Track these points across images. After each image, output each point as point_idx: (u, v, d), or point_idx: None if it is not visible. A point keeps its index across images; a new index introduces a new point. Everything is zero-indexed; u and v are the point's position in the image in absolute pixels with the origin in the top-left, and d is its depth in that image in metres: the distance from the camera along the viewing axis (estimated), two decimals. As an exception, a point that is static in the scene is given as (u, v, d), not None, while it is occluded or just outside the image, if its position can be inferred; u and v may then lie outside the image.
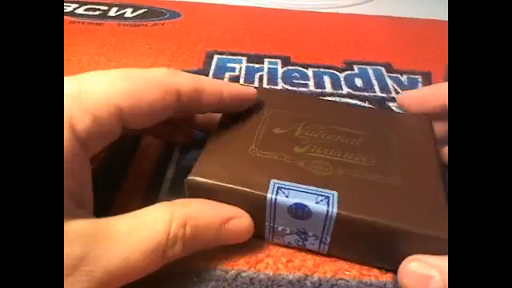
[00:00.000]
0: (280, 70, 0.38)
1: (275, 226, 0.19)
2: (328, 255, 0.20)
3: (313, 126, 0.22)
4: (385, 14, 0.51)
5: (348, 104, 0.33)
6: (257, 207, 0.19)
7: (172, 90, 0.19)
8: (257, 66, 0.38)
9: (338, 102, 0.33)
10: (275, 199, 0.18)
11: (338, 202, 0.18)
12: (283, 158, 0.20)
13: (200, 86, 0.20)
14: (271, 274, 0.19)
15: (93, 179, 0.24)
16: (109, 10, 0.47)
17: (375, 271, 0.20)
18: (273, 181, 0.19)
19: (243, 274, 0.19)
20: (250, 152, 0.21)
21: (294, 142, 0.21)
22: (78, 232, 0.15)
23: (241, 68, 0.37)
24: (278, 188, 0.18)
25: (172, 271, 0.19)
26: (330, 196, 0.18)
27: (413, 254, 0.18)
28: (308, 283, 0.19)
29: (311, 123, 0.23)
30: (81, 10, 0.47)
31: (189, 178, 0.19)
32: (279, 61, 0.39)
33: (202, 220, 0.18)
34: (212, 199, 0.19)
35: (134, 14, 0.47)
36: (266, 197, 0.18)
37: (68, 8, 0.47)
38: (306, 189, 0.19)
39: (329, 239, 0.19)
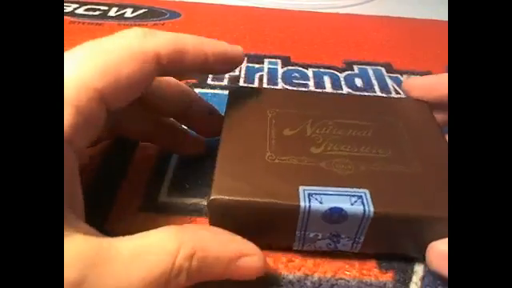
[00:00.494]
0: (280, 70, 0.38)
1: (307, 233, 0.19)
2: (358, 253, 0.20)
3: (321, 123, 0.22)
4: (385, 14, 0.51)
5: (344, 94, 0.33)
6: (288, 218, 0.18)
7: (150, 55, 0.17)
8: (257, 66, 0.38)
9: (334, 93, 0.33)
10: (309, 207, 0.17)
11: (372, 199, 0.18)
12: (303, 161, 0.20)
13: (182, 46, 0.18)
14: (271, 273, 0.19)
15: (93, 179, 0.24)
16: (109, 10, 0.47)
17: (375, 271, 0.20)
18: (301, 187, 0.18)
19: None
20: (268, 159, 0.20)
21: (309, 141, 0.21)
22: (75, 253, 0.13)
23: (241, 68, 0.37)
24: (309, 195, 0.18)
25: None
26: (363, 195, 0.18)
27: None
28: (308, 283, 0.19)
29: (318, 120, 0.22)
30: (81, 10, 0.47)
31: (212, 197, 0.18)
32: (279, 61, 0.39)
33: (210, 253, 0.16)
34: (238, 217, 0.18)
35: (134, 14, 0.47)
36: (299, 206, 0.17)
37: (68, 8, 0.47)
38: (337, 191, 0.18)
39: (362, 238, 0.19)
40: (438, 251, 0.18)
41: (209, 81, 0.35)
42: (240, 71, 0.37)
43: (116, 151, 0.26)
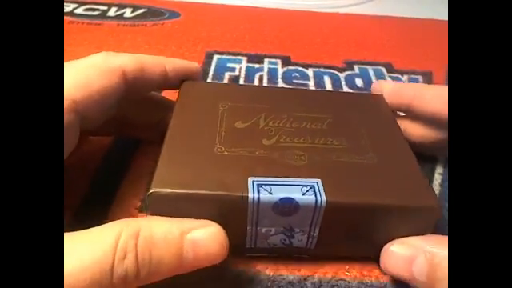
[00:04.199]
0: (280, 70, 0.37)
1: (258, 228, 0.18)
2: (315, 254, 0.19)
3: (275, 116, 0.21)
4: (385, 14, 0.51)
5: (300, 89, 0.33)
6: (237, 211, 0.17)
7: (117, 71, 0.19)
8: (257, 66, 0.38)
9: (290, 88, 0.34)
10: (258, 198, 0.16)
11: (324, 189, 0.17)
12: (254, 152, 0.19)
13: (142, 61, 0.21)
14: (271, 274, 0.19)
15: (93, 179, 0.24)
16: (108, 10, 0.47)
17: (376, 272, 0.20)
18: (250, 178, 0.17)
19: (243, 275, 0.19)
20: (216, 151, 0.18)
21: (261, 134, 0.20)
22: None
23: (241, 68, 0.37)
24: (259, 185, 0.17)
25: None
26: (315, 184, 0.17)
27: (404, 231, 0.18)
28: (308, 284, 0.19)
29: (272, 113, 0.22)
30: (80, 10, 0.47)
31: (152, 191, 0.16)
32: (279, 61, 0.39)
33: (158, 229, 0.15)
34: (182, 213, 0.16)
35: (134, 13, 0.47)
36: (247, 197, 0.16)
37: (67, 8, 0.47)
38: (288, 181, 0.17)
39: (317, 232, 0.18)
40: (392, 253, 0.18)
41: (208, 80, 0.35)
42: (240, 71, 0.37)
43: (116, 151, 0.26)
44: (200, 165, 0.18)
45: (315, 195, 0.17)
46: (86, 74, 0.18)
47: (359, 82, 0.36)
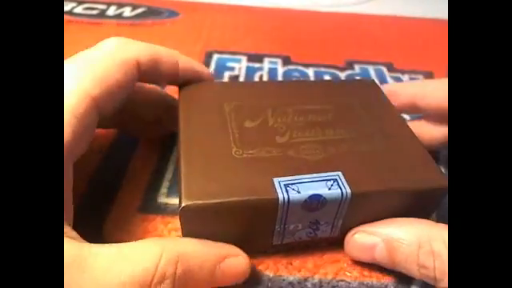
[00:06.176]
0: (280, 70, 0.37)
1: (286, 226, 0.18)
2: (336, 241, 0.20)
3: (280, 111, 0.22)
4: (386, 13, 0.51)
5: (295, 81, 0.33)
6: (267, 213, 0.17)
7: (131, 63, 0.19)
8: (257, 65, 0.38)
9: (287, 80, 0.34)
10: (288, 198, 0.17)
11: (347, 181, 0.18)
12: (271, 152, 0.19)
13: (157, 55, 0.20)
14: (271, 275, 0.19)
15: (93, 179, 0.23)
16: (107, 9, 0.47)
17: (376, 272, 0.20)
18: (276, 179, 0.17)
19: (243, 276, 0.19)
20: (235, 155, 0.19)
21: (272, 131, 0.20)
22: None
23: (241, 67, 0.37)
24: (286, 186, 0.17)
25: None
26: (337, 177, 0.18)
27: (419, 210, 0.19)
28: (309, 284, 0.19)
29: (277, 108, 0.22)
30: (79, 9, 0.46)
31: (184, 205, 0.16)
32: (279, 60, 0.39)
33: (195, 258, 0.16)
34: (213, 222, 0.17)
35: (133, 13, 0.47)
36: (277, 199, 0.17)
37: (66, 7, 0.47)
38: (311, 178, 0.18)
39: (341, 222, 0.18)
40: (355, 242, 0.19)
41: (208, 80, 0.35)
42: (240, 70, 0.37)
43: (116, 151, 0.26)
44: (223, 171, 0.18)
45: (340, 188, 0.17)
46: (101, 67, 0.18)
47: (359, 82, 0.36)
